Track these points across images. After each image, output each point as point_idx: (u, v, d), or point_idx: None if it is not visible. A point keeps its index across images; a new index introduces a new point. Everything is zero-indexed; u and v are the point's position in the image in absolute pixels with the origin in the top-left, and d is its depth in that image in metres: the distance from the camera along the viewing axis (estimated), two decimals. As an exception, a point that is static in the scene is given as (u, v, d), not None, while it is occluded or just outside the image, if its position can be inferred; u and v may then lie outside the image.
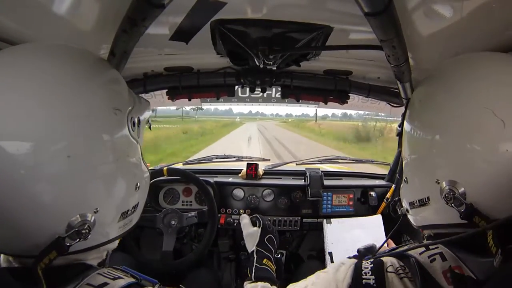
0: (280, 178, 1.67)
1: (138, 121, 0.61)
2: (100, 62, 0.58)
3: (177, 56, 1.03)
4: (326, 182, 1.55)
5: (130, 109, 0.58)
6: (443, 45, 0.75)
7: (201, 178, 1.43)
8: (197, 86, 1.20)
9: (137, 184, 0.59)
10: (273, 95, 1.43)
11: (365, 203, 1.56)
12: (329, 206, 1.54)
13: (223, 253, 1.61)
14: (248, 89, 1.32)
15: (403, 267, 0.54)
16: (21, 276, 0.44)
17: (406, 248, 0.58)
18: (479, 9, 0.59)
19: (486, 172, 0.49)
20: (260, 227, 0.97)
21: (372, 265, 0.56)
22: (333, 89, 1.22)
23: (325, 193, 1.53)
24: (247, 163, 1.63)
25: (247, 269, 0.88)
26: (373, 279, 0.54)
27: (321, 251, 1.35)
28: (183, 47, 0.89)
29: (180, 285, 0.60)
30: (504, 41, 0.68)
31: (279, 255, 1.04)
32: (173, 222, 1.35)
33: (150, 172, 0.67)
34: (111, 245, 0.58)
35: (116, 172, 0.53)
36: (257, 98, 1.43)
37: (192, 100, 1.28)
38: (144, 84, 1.16)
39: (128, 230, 0.60)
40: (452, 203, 0.51)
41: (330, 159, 1.86)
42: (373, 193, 1.55)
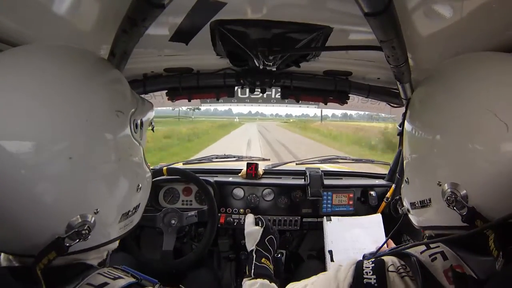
0: (280, 177, 1.67)
1: (141, 123, 0.60)
2: (102, 62, 0.58)
3: (177, 57, 1.03)
4: (326, 182, 1.55)
5: (133, 111, 0.58)
6: (443, 45, 0.75)
7: (201, 177, 1.44)
8: (197, 87, 1.20)
9: (139, 185, 0.59)
10: (273, 96, 1.43)
11: (365, 202, 1.57)
12: (329, 205, 1.54)
13: (223, 252, 1.61)
14: (247, 89, 1.32)
15: (404, 266, 0.54)
16: (21, 275, 0.44)
17: (407, 246, 0.58)
18: (479, 9, 0.59)
19: (488, 174, 0.48)
20: (262, 227, 0.99)
21: (373, 264, 0.56)
22: (333, 89, 1.22)
23: (325, 193, 1.53)
24: (247, 163, 1.63)
25: (246, 267, 0.90)
26: (374, 279, 0.54)
27: (321, 250, 1.35)
28: (183, 48, 0.89)
29: (180, 285, 0.60)
30: (504, 41, 0.68)
31: (279, 255, 1.04)
32: (173, 221, 1.36)
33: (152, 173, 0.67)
34: (112, 245, 0.58)
35: (117, 173, 0.53)
36: (257, 98, 1.43)
37: (192, 100, 1.28)
38: (144, 85, 1.16)
39: (129, 230, 0.60)
40: (453, 206, 0.51)
41: (330, 159, 1.86)
42: (373, 192, 1.55)
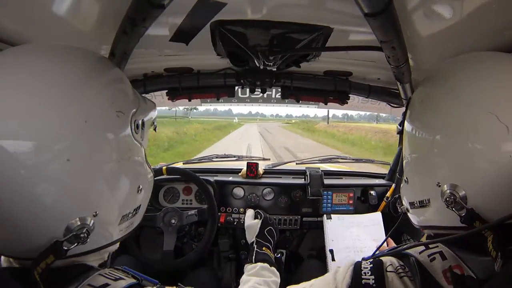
0: (280, 177, 1.67)
1: (142, 124, 0.60)
2: (103, 61, 0.57)
3: (177, 57, 1.03)
4: (326, 181, 1.55)
5: (134, 111, 0.57)
6: (443, 45, 0.75)
7: (201, 177, 1.44)
8: (197, 87, 1.21)
9: (139, 187, 0.58)
10: (273, 96, 1.42)
11: (365, 202, 1.57)
12: (329, 205, 1.54)
13: (223, 252, 1.61)
14: (248, 89, 1.32)
15: (403, 266, 0.54)
16: (21, 276, 0.44)
17: (406, 247, 0.58)
18: (479, 9, 0.59)
19: (487, 176, 0.48)
20: (261, 220, 1.04)
21: (371, 265, 0.56)
22: (333, 90, 1.22)
23: (325, 192, 1.53)
24: (247, 162, 1.63)
25: (248, 257, 0.94)
26: (373, 279, 0.54)
27: (321, 250, 1.35)
28: (183, 48, 0.89)
29: (179, 284, 0.59)
30: (504, 41, 0.68)
31: (279, 255, 1.05)
32: (173, 221, 1.35)
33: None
34: (112, 247, 0.58)
35: (118, 175, 0.52)
36: (257, 98, 1.43)
37: (192, 100, 1.28)
38: (144, 84, 1.16)
39: (130, 232, 0.60)
40: (452, 207, 0.51)
41: (330, 159, 1.86)
42: (373, 192, 1.55)
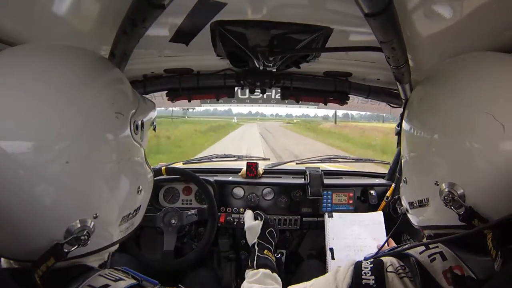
0: (280, 177, 1.67)
1: (141, 124, 0.60)
2: (103, 61, 0.57)
3: (177, 58, 1.03)
4: (326, 181, 1.55)
5: (133, 112, 0.57)
6: (443, 46, 0.75)
7: (201, 177, 1.44)
8: (197, 88, 1.20)
9: (139, 188, 0.58)
10: (273, 96, 1.42)
11: (365, 201, 1.57)
12: (329, 204, 1.54)
13: (223, 252, 1.61)
14: (247, 90, 1.32)
15: (403, 266, 0.55)
16: (21, 277, 0.44)
17: (406, 247, 0.58)
18: (479, 9, 0.59)
19: (485, 174, 0.49)
20: (262, 221, 1.02)
21: (372, 265, 0.56)
22: (333, 90, 1.22)
23: (325, 192, 1.53)
24: (247, 162, 1.63)
25: (249, 260, 0.91)
26: (373, 279, 0.54)
27: (321, 250, 1.35)
28: (183, 49, 0.89)
29: (179, 285, 0.60)
30: (504, 42, 0.68)
31: (279, 255, 1.05)
32: (173, 221, 1.36)
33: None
34: (112, 248, 0.58)
35: (117, 176, 0.52)
36: (257, 99, 1.43)
37: (192, 101, 1.28)
38: (144, 85, 1.16)
39: (130, 233, 0.60)
40: (451, 205, 0.51)
41: (330, 158, 1.87)
42: (373, 191, 1.55)
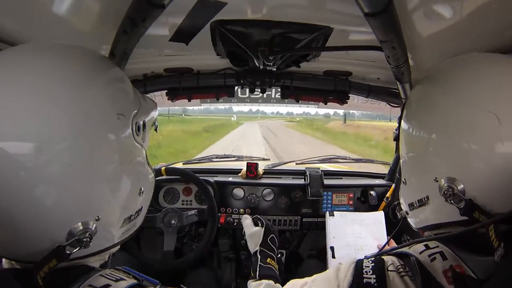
0: (280, 177, 1.67)
1: (143, 125, 0.59)
2: (103, 60, 0.57)
3: (177, 57, 1.03)
4: (326, 182, 1.55)
5: (135, 112, 0.56)
6: (443, 45, 0.75)
7: (201, 177, 1.44)
8: (197, 87, 1.21)
9: (141, 189, 0.58)
10: (273, 96, 1.43)
11: (365, 202, 1.57)
12: (329, 205, 1.54)
13: (223, 252, 1.61)
14: (247, 89, 1.32)
15: (404, 265, 0.54)
16: (23, 277, 0.44)
17: (406, 244, 0.58)
18: (479, 9, 0.59)
19: (484, 168, 0.49)
20: (263, 227, 0.97)
21: (373, 264, 0.56)
22: (333, 89, 1.22)
23: (325, 193, 1.53)
24: (247, 163, 1.63)
25: (251, 269, 0.88)
26: (374, 278, 0.53)
27: (321, 250, 1.35)
28: (183, 48, 0.89)
29: (181, 285, 0.59)
30: (504, 41, 0.68)
31: (279, 255, 1.04)
32: (173, 221, 1.35)
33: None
34: (114, 249, 0.58)
35: (119, 178, 0.52)
36: (257, 98, 1.43)
37: (192, 100, 1.28)
38: (144, 85, 1.16)
39: (132, 234, 0.59)
40: (451, 200, 0.51)
41: (330, 159, 1.86)
42: (373, 192, 1.55)
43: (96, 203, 0.48)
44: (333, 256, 1.24)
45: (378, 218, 1.35)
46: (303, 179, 1.60)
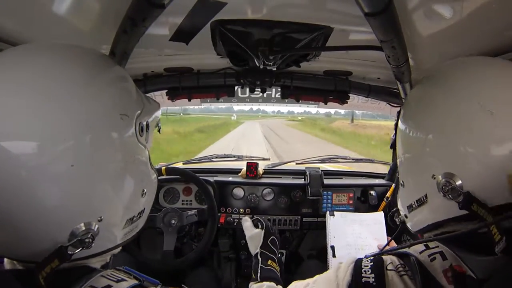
0: (280, 177, 1.67)
1: (146, 126, 0.59)
2: (105, 59, 0.57)
3: (177, 57, 1.03)
4: (326, 181, 1.55)
5: (138, 113, 0.56)
6: (443, 45, 0.75)
7: (201, 177, 1.44)
8: (197, 87, 1.21)
9: (144, 190, 0.58)
10: (273, 95, 1.43)
11: (365, 202, 1.57)
12: (329, 205, 1.54)
13: (223, 252, 1.61)
14: (248, 89, 1.32)
15: (403, 265, 0.54)
16: (25, 278, 0.44)
17: (406, 245, 0.58)
18: (479, 9, 0.59)
19: (480, 163, 0.50)
20: (263, 229, 0.97)
21: (372, 263, 0.56)
22: (333, 89, 1.22)
23: (325, 192, 1.53)
24: (247, 163, 1.63)
25: (252, 271, 0.88)
26: (373, 277, 0.54)
27: (321, 250, 1.35)
28: (183, 48, 0.89)
29: (182, 285, 0.59)
30: (504, 42, 0.69)
31: (279, 255, 1.04)
32: (173, 221, 1.35)
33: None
34: (116, 250, 0.57)
35: (122, 179, 0.52)
36: (257, 98, 1.43)
37: (192, 100, 1.28)
38: (144, 84, 1.16)
39: (134, 236, 0.59)
40: (449, 195, 0.52)
41: (330, 159, 1.86)
42: (373, 192, 1.55)
43: (99, 204, 0.48)
44: (334, 256, 1.24)
45: (378, 218, 1.36)
46: (303, 179, 1.60)
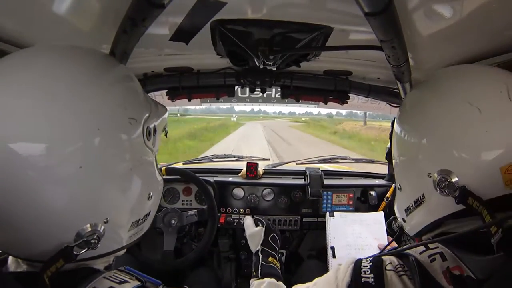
0: (280, 177, 1.67)
1: (154, 130, 0.59)
2: (107, 59, 0.57)
3: (177, 57, 1.03)
4: (326, 182, 1.55)
5: (146, 116, 0.56)
6: (443, 45, 0.75)
7: (201, 177, 1.44)
8: (197, 87, 1.20)
9: (150, 194, 0.58)
10: (273, 95, 1.43)
11: (365, 202, 1.57)
12: (329, 205, 1.54)
13: (223, 252, 1.61)
14: (248, 89, 1.32)
15: (402, 265, 0.55)
16: (27, 281, 0.44)
17: (406, 247, 0.58)
18: (479, 9, 0.60)
19: (474, 159, 0.53)
20: (264, 227, 0.98)
21: (371, 263, 0.56)
22: (333, 89, 1.22)
23: (325, 193, 1.53)
24: (247, 163, 1.63)
25: (253, 268, 0.89)
26: (372, 277, 0.54)
27: (321, 250, 1.34)
28: (183, 48, 0.89)
29: (184, 285, 0.60)
30: (504, 42, 0.69)
31: (279, 255, 1.04)
32: (173, 221, 1.36)
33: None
34: (121, 252, 0.58)
35: (129, 182, 0.52)
36: (257, 98, 1.43)
37: (192, 100, 1.28)
38: (144, 84, 1.16)
39: (139, 238, 0.60)
40: (446, 190, 0.54)
41: (330, 159, 1.87)
42: (373, 192, 1.55)
43: (105, 206, 0.49)
44: (334, 256, 1.24)
45: (378, 218, 1.35)
46: (303, 179, 1.60)
